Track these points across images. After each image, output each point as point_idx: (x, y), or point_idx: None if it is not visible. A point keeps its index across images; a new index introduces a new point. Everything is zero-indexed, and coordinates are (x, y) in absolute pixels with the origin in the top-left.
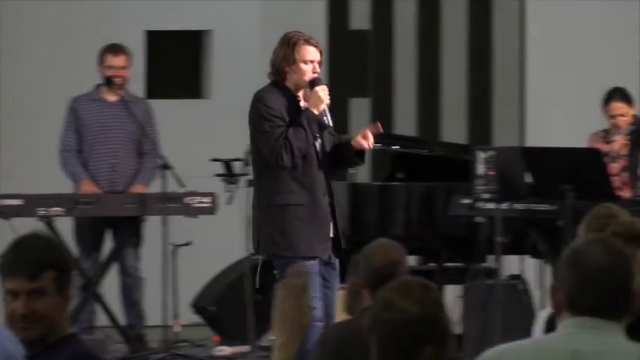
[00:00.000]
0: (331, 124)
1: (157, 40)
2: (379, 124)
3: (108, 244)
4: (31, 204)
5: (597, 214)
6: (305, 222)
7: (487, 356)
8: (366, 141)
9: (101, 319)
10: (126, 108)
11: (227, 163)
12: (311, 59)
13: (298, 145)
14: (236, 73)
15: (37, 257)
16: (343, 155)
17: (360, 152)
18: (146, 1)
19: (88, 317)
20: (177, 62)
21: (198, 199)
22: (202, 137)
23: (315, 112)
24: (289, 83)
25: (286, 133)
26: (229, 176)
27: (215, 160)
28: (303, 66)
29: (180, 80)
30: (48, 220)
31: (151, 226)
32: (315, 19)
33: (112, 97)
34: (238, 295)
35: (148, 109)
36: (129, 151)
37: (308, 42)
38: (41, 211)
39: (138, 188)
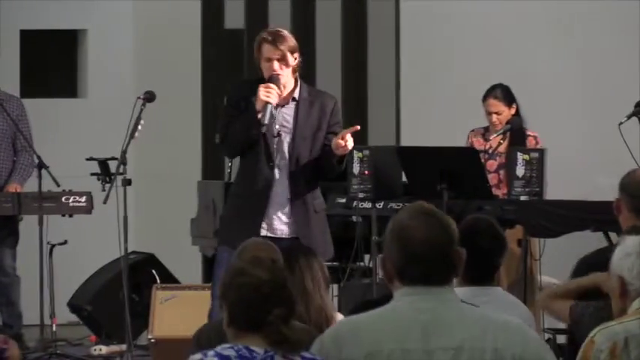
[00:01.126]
0: (266, 122)
1: (31, 39)
2: (357, 126)
3: None
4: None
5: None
6: (233, 211)
7: (342, 327)
8: (344, 142)
9: None
10: None
11: (103, 162)
12: (268, 57)
13: (231, 135)
14: (110, 72)
15: None
16: (325, 161)
17: (341, 157)
18: (21, 0)
19: None
20: (52, 61)
21: (75, 198)
22: (78, 136)
23: (257, 107)
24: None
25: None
26: (105, 175)
27: (91, 159)
28: (263, 64)
29: (55, 79)
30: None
31: (27, 225)
32: (190, 18)
33: None
34: (114, 294)
35: (21, 107)
36: (3, 149)
37: (266, 40)
38: None
39: (13, 187)
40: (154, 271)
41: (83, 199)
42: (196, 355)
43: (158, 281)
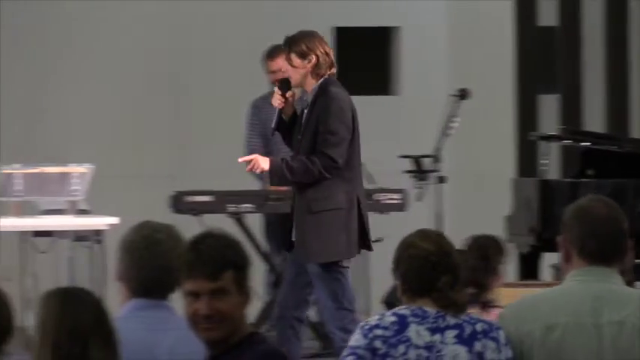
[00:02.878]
0: (272, 125)
1: (345, 37)
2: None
3: None
4: (220, 200)
5: None
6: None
7: (523, 303)
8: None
9: None
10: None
11: (417, 160)
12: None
13: None
14: (424, 70)
15: (216, 257)
16: None
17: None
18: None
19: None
20: (365, 59)
21: (388, 195)
22: (391, 134)
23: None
24: None
25: None
26: (419, 173)
27: (404, 156)
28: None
29: (369, 76)
30: (238, 217)
31: None
32: (502, 16)
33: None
34: None
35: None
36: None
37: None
38: (231, 208)
39: None
40: None
41: (397, 196)
42: (376, 315)
43: None
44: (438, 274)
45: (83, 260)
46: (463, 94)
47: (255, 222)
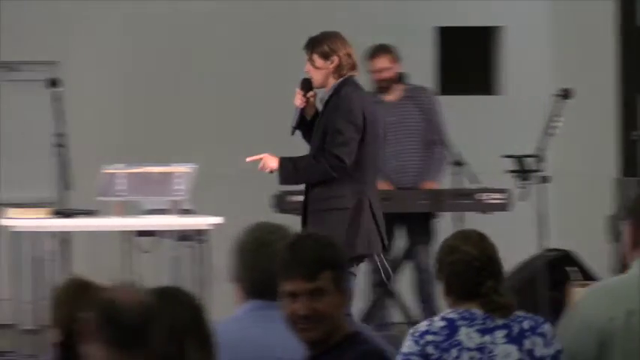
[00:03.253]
0: (293, 124)
1: (448, 37)
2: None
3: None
4: None
5: None
6: None
7: (600, 290)
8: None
9: (396, 316)
10: (407, 104)
11: (520, 159)
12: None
13: None
14: (527, 70)
15: (313, 258)
16: None
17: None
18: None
19: (382, 314)
20: (468, 58)
21: (492, 195)
22: (494, 133)
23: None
24: None
25: None
26: (522, 172)
27: (508, 156)
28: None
29: (472, 76)
30: None
31: (442, 222)
32: (603, 17)
33: (391, 97)
34: (532, 292)
35: (432, 98)
36: (412, 145)
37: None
38: None
39: (429, 184)
40: (567, 269)
41: (500, 196)
42: (425, 321)
43: (576, 278)
44: (483, 279)
45: (186, 260)
46: (566, 94)
47: None
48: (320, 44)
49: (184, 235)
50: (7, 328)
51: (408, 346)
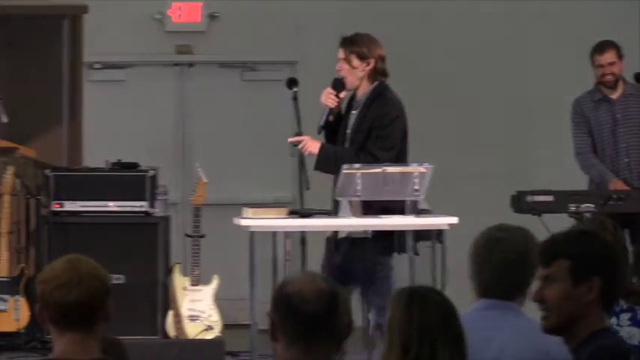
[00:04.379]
0: (321, 124)
1: None
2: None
3: None
4: (561, 200)
5: None
6: None
7: None
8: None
9: None
10: (628, 102)
11: None
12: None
13: None
14: None
15: (551, 244)
16: None
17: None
18: None
19: None
20: None
21: None
22: None
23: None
24: None
25: None
26: None
27: None
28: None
29: None
30: (579, 217)
31: None
32: None
33: (613, 95)
34: None
35: None
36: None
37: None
38: (572, 208)
39: None
40: None
41: None
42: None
43: None
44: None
45: (423, 260)
46: None
47: None
48: (359, 45)
49: (421, 235)
50: (245, 328)
51: None
